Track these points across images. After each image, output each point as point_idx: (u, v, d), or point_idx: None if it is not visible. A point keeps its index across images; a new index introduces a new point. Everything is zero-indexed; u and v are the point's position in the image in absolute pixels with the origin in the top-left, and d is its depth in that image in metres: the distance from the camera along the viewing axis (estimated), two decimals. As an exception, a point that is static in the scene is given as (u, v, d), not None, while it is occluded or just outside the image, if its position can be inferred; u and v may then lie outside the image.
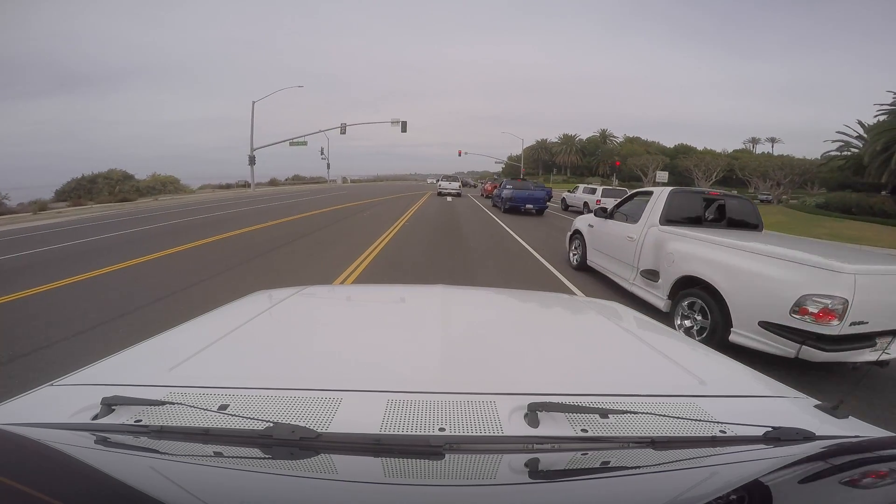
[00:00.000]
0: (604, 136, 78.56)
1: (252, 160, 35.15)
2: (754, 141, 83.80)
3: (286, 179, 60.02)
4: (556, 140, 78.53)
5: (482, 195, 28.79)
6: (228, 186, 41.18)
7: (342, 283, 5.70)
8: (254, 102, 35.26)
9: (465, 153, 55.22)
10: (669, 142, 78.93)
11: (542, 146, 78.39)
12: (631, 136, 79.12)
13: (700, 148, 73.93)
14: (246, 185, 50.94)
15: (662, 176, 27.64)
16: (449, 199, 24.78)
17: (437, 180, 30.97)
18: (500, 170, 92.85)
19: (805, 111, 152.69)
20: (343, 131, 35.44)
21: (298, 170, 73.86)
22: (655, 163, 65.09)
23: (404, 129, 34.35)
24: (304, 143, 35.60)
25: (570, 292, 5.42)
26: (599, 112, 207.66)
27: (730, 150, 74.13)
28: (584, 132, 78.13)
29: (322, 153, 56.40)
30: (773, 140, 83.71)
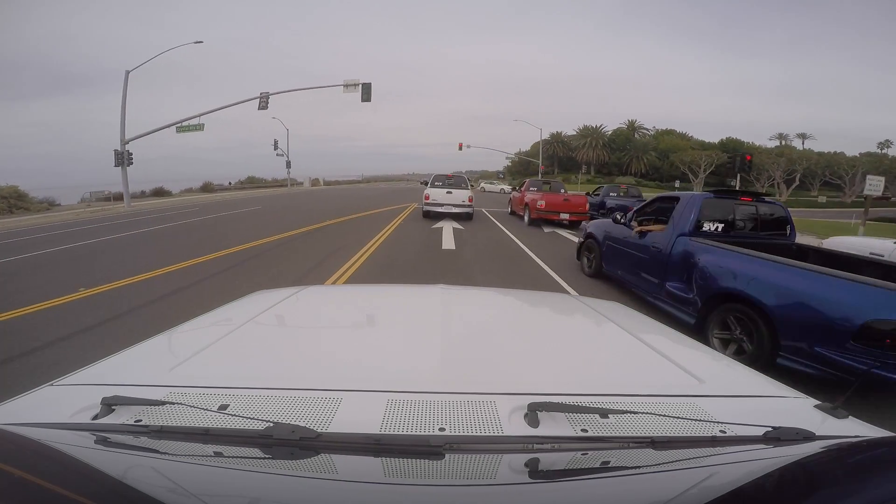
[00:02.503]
0: (632, 127, 64.88)
1: (123, 158, 21.18)
2: (782, 137, 70.75)
3: (232, 183, 45.84)
4: (575, 133, 64.73)
5: (514, 213, 14.96)
6: (118, 199, 27.12)
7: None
8: (127, 72, 21.44)
9: (468, 146, 41.47)
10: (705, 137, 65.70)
11: (557, 140, 64.59)
12: (662, 128, 65.55)
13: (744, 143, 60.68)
14: (161, 192, 37.14)
15: (877, 183, 13.45)
16: (447, 230, 10.81)
17: (426, 183, 14.50)
18: (504, 167, 79.34)
19: (805, 110, 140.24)
20: (264, 105, 21.66)
21: (264, 171, 60.07)
22: (709, 159, 51.77)
23: (367, 97, 20.57)
24: (199, 128, 21.88)
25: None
26: (603, 111, 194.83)
27: (768, 148, 61.01)
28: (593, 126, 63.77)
29: (276, 147, 42.46)
30: (803, 136, 70.59)
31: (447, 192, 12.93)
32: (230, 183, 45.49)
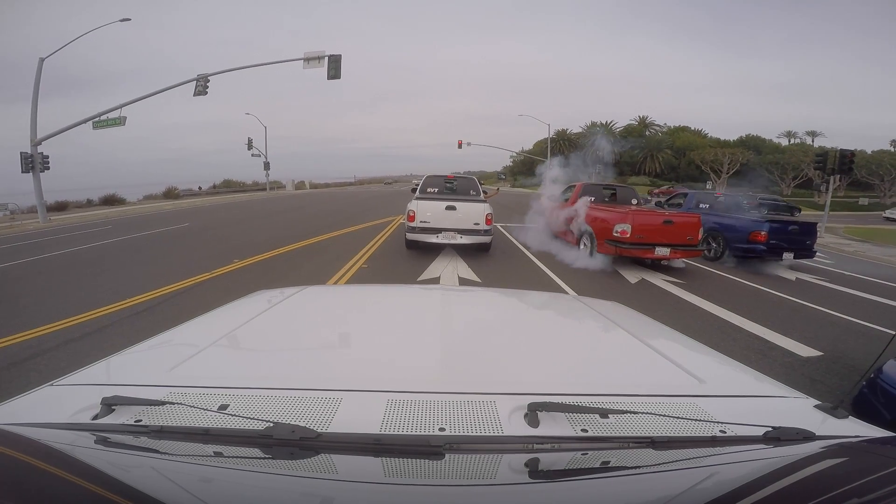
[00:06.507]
0: (644, 123, 60.13)
1: (35, 162, 16.21)
2: (791, 134, 66.23)
3: (202, 188, 40.70)
4: (582, 130, 59.95)
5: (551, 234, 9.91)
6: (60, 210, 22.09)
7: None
8: (41, 59, 16.41)
9: (468, 144, 36.66)
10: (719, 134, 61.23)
11: (562, 137, 59.78)
12: (674, 125, 60.79)
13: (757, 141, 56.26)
14: (112, 200, 31.67)
15: None
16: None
17: (415, 189, 9.10)
18: (504, 167, 74.39)
19: (806, 108, 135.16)
20: (202, 90, 16.49)
21: (254, 174, 55.38)
22: (733, 157, 47.06)
23: (335, 74, 15.28)
24: (119, 122, 16.74)
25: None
26: (605, 110, 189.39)
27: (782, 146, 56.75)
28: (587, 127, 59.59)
29: (250, 147, 37.27)
30: (813, 133, 66.02)
31: (447, 209, 7.53)
32: (199, 188, 40.33)
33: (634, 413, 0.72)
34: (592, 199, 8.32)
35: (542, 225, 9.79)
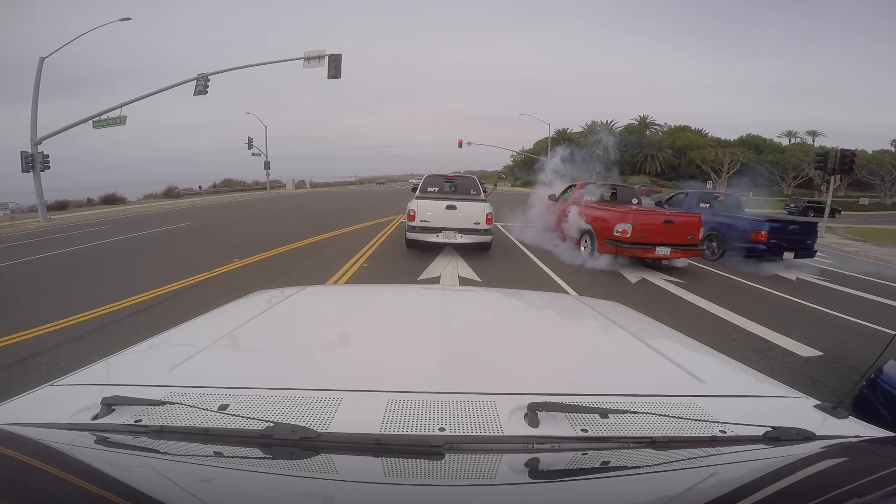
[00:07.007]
0: (644, 123, 60.06)
1: (35, 161, 16.16)
2: (791, 134, 65.98)
3: (203, 187, 40.66)
4: (582, 129, 59.90)
5: (546, 231, 9.72)
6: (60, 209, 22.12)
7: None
8: (42, 59, 16.32)
9: (468, 144, 36.61)
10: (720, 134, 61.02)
11: (563, 137, 59.68)
12: (674, 125, 60.68)
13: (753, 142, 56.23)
14: (112, 199, 31.50)
15: None
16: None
17: (415, 188, 9.14)
18: (504, 167, 74.30)
19: (806, 107, 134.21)
20: (202, 89, 16.48)
21: (254, 173, 55.29)
22: (733, 157, 47.01)
23: (335, 73, 15.37)
24: (119, 122, 16.67)
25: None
26: (605, 110, 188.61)
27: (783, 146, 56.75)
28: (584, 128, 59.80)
29: (250, 146, 37.21)
30: (814, 133, 65.74)
31: (447, 208, 7.52)
32: (200, 187, 40.32)
33: (634, 413, 0.72)
34: (593, 198, 8.30)
35: (543, 224, 9.78)
